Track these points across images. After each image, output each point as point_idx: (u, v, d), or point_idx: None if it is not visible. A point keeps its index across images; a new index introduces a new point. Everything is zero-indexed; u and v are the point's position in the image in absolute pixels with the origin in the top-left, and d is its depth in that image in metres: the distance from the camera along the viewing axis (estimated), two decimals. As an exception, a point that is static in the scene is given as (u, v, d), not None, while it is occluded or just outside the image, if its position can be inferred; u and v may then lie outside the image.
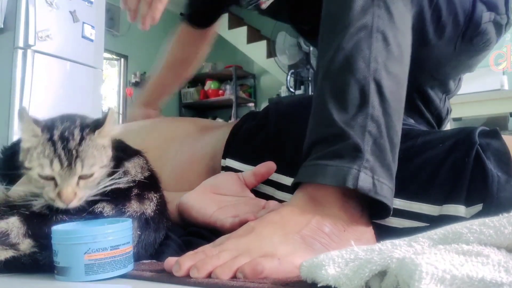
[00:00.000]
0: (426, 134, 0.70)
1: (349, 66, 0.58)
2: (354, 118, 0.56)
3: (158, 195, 0.63)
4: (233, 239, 0.54)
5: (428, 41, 0.77)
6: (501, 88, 3.09)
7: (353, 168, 0.54)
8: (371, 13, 0.60)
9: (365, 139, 0.56)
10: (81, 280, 0.49)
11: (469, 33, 0.79)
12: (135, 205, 0.59)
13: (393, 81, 0.59)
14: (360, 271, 0.36)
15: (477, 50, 0.84)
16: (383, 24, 0.60)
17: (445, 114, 0.94)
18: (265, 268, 0.47)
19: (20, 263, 0.53)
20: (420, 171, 0.63)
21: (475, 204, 0.58)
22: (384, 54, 0.59)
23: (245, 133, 0.83)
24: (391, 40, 0.60)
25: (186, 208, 0.73)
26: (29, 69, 2.78)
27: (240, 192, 0.73)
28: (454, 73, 0.89)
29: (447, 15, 0.76)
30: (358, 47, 0.59)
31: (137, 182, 0.60)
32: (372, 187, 0.55)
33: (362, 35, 0.59)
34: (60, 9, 2.98)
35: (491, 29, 0.82)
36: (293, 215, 0.56)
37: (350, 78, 0.58)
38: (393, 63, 0.60)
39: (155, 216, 0.61)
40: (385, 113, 0.57)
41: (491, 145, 0.62)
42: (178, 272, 0.49)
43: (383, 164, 0.56)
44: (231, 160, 0.81)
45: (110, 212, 0.56)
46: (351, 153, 0.55)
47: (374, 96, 0.57)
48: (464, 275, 0.31)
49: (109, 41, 4.03)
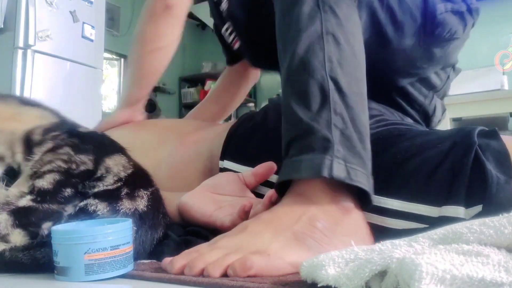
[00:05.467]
0: (424, 134, 0.70)
1: (306, 68, 0.62)
2: (318, 114, 0.60)
3: (149, 191, 0.64)
4: (226, 237, 0.55)
5: (390, 40, 0.81)
6: (501, 88, 3.09)
7: (325, 158, 0.57)
8: (318, 19, 0.64)
9: (332, 131, 0.58)
10: (81, 280, 0.49)
11: (428, 26, 0.83)
12: (127, 202, 0.60)
13: (349, 76, 0.63)
14: (360, 271, 0.36)
15: (445, 41, 0.86)
16: (332, 27, 0.64)
17: (433, 111, 0.95)
18: (255, 264, 0.47)
19: (20, 262, 0.53)
20: (419, 171, 0.63)
21: (475, 205, 0.58)
22: (337, 53, 0.63)
23: (243, 134, 0.83)
24: (341, 39, 0.64)
25: (186, 208, 0.73)
26: (29, 69, 2.78)
27: (240, 192, 0.74)
28: (431, 66, 0.90)
29: (402, 14, 0.81)
30: (311, 50, 0.63)
31: (124, 181, 0.62)
32: (346, 174, 0.56)
33: (314, 39, 0.63)
34: (60, 9, 2.98)
35: (451, 18, 0.85)
36: (284, 212, 0.57)
37: (309, 79, 0.62)
38: (346, 60, 0.63)
39: (148, 212, 0.61)
40: (347, 107, 0.61)
41: (490, 146, 0.62)
42: (171, 271, 0.50)
43: (354, 152, 0.58)
44: (229, 162, 0.81)
45: (104, 210, 0.57)
46: (321, 145, 0.58)
47: (334, 92, 0.61)
48: (464, 275, 0.31)
49: (109, 41, 4.03)
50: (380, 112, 0.80)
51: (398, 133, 0.71)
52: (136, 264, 0.56)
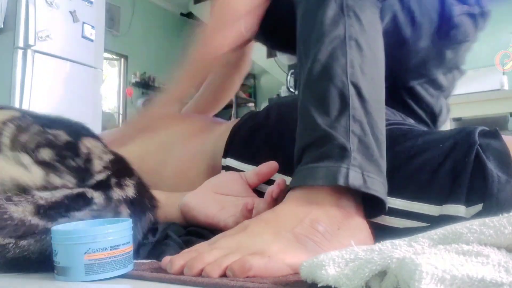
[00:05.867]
0: (426, 134, 0.70)
1: (327, 73, 0.62)
2: (337, 120, 0.59)
3: (134, 179, 0.65)
4: (226, 237, 0.55)
5: (406, 40, 0.82)
6: (501, 88, 3.09)
7: (342, 166, 0.56)
8: (342, 24, 0.64)
9: (350, 139, 0.58)
10: (81, 280, 0.49)
11: (444, 27, 0.83)
12: (118, 190, 0.61)
13: (370, 82, 0.62)
14: (360, 271, 0.36)
15: (457, 42, 0.87)
16: (355, 32, 0.64)
17: (439, 111, 0.95)
18: (253, 266, 0.47)
19: (27, 258, 0.53)
20: (420, 171, 0.63)
21: (475, 204, 0.58)
22: (359, 59, 0.63)
23: (245, 133, 0.83)
24: (364, 45, 0.64)
25: (188, 208, 0.73)
26: (29, 69, 2.78)
27: (243, 192, 0.74)
28: (441, 67, 0.90)
29: (421, 16, 0.81)
30: (334, 56, 0.63)
31: (111, 171, 0.63)
32: (362, 182, 0.56)
33: (337, 44, 0.63)
34: (60, 9, 2.98)
35: (466, 20, 0.85)
36: (286, 213, 0.56)
37: (329, 84, 0.61)
38: (368, 66, 0.63)
39: (137, 199, 0.62)
40: (366, 113, 0.60)
41: (491, 145, 0.62)
42: (170, 270, 0.50)
43: (371, 161, 0.58)
44: (231, 159, 0.81)
45: (100, 198, 0.58)
46: (338, 153, 0.58)
47: (354, 98, 0.60)
48: (464, 275, 0.31)
49: (109, 41, 4.03)
50: None
51: (400, 133, 0.71)
52: (136, 264, 0.55)
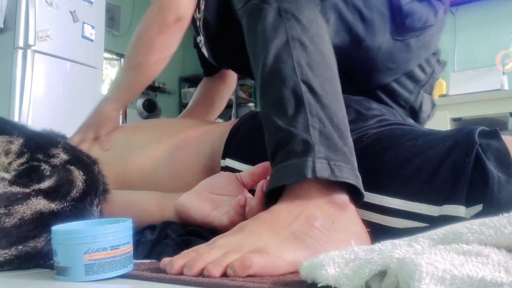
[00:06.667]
0: (426, 134, 0.70)
1: (278, 77, 0.64)
2: (295, 118, 0.61)
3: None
4: (225, 237, 0.56)
5: (362, 38, 0.82)
6: (501, 88, 3.09)
7: (308, 160, 0.58)
8: (283, 27, 0.67)
9: (311, 133, 0.60)
10: (81, 280, 0.49)
11: (397, 18, 0.84)
12: (62, 154, 0.69)
13: (320, 77, 0.64)
14: (360, 271, 0.36)
15: (418, 30, 0.86)
16: (297, 33, 0.66)
17: (419, 106, 0.94)
18: (254, 263, 0.48)
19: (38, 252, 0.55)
20: (420, 171, 0.63)
21: (475, 205, 0.58)
22: (305, 57, 0.65)
23: (245, 133, 0.83)
24: (307, 43, 0.66)
25: (184, 208, 0.74)
26: (29, 69, 2.78)
27: (238, 192, 0.74)
28: (411, 58, 0.90)
29: (368, 11, 0.81)
30: (280, 59, 0.65)
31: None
32: (330, 172, 0.57)
33: (281, 48, 0.66)
34: (60, 9, 2.98)
35: (418, 6, 0.85)
36: (282, 212, 0.57)
37: (281, 87, 0.63)
38: (315, 61, 0.65)
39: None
40: (322, 106, 0.62)
41: (491, 146, 0.62)
42: (170, 271, 0.50)
43: (335, 150, 0.59)
44: (231, 160, 0.81)
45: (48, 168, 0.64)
46: (302, 148, 0.59)
47: (307, 94, 0.62)
48: (464, 275, 0.31)
49: (109, 41, 4.03)
50: (382, 112, 0.80)
51: (400, 133, 0.71)
52: (136, 264, 0.56)
